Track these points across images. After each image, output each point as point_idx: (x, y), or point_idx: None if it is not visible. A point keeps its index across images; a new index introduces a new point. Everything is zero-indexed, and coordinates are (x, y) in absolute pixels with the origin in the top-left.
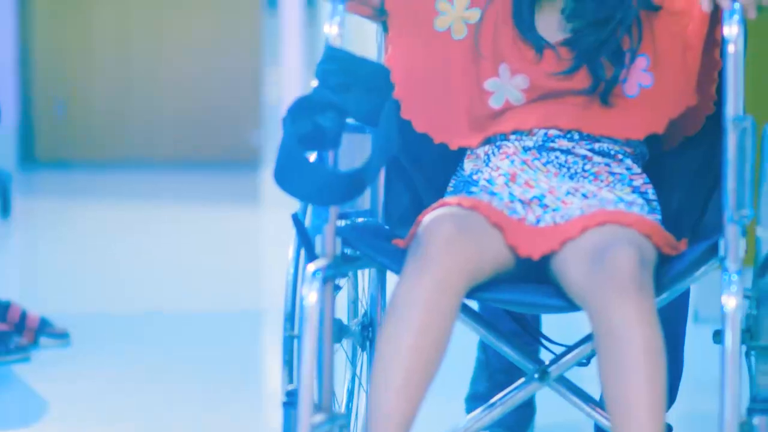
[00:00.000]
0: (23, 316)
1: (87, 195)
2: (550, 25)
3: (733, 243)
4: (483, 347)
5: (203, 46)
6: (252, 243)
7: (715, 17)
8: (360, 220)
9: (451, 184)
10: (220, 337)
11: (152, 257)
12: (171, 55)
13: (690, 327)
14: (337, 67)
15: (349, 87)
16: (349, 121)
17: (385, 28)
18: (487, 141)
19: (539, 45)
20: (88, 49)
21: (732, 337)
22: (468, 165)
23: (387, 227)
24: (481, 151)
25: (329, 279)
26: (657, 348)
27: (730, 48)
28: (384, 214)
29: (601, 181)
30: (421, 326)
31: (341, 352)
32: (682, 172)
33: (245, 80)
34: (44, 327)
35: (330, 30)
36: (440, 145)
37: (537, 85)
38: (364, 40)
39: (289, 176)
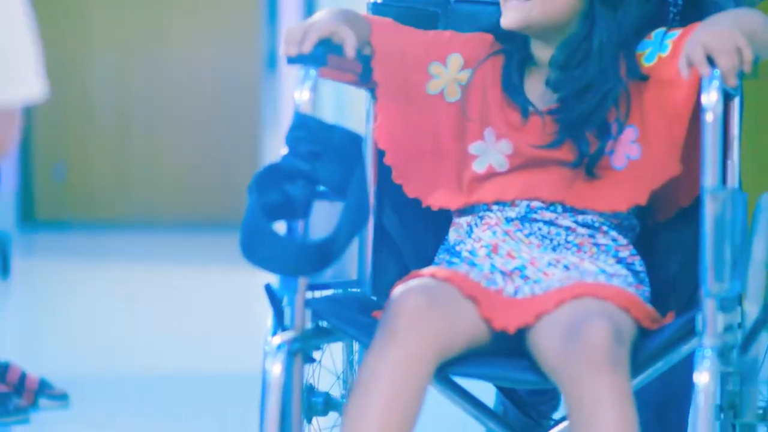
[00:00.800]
0: (22, 377)
1: (87, 256)
2: (539, 90)
3: (710, 318)
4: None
5: (203, 109)
6: (254, 304)
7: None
8: (336, 290)
9: (437, 255)
10: (220, 400)
11: (153, 319)
12: (171, 117)
13: None
14: (307, 134)
15: (319, 155)
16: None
17: (373, 95)
18: (470, 211)
19: (525, 110)
20: (87, 110)
21: (704, 415)
22: (452, 235)
23: (374, 298)
24: (463, 222)
25: (297, 352)
26: (630, 427)
27: (708, 116)
28: (371, 285)
29: (585, 252)
30: (388, 399)
31: None
32: (678, 243)
33: (245, 142)
34: (44, 388)
35: (300, 96)
36: (429, 214)
37: (521, 152)
38: None
39: (255, 248)
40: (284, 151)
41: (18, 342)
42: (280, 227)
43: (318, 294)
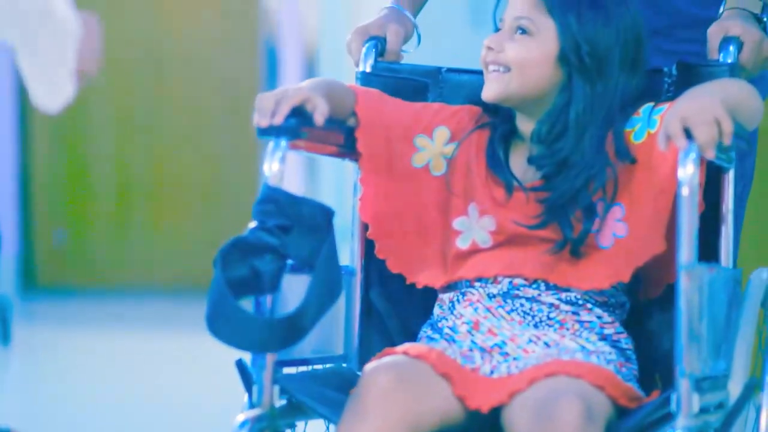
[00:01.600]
0: None
1: (88, 322)
2: (524, 165)
3: (684, 398)
4: None
5: (203, 175)
6: None
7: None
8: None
9: (421, 330)
10: None
11: (154, 387)
12: (170, 184)
13: None
14: (275, 208)
15: (289, 228)
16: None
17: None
18: (453, 287)
19: (510, 185)
20: (87, 177)
21: None
22: (436, 311)
23: (359, 373)
24: (446, 297)
25: (263, 430)
26: None
27: (684, 190)
28: (357, 360)
29: (567, 329)
30: None
31: None
32: (669, 321)
33: (245, 210)
34: None
35: (270, 168)
36: (416, 288)
37: (504, 229)
38: None
39: (219, 323)
40: (252, 224)
41: (18, 408)
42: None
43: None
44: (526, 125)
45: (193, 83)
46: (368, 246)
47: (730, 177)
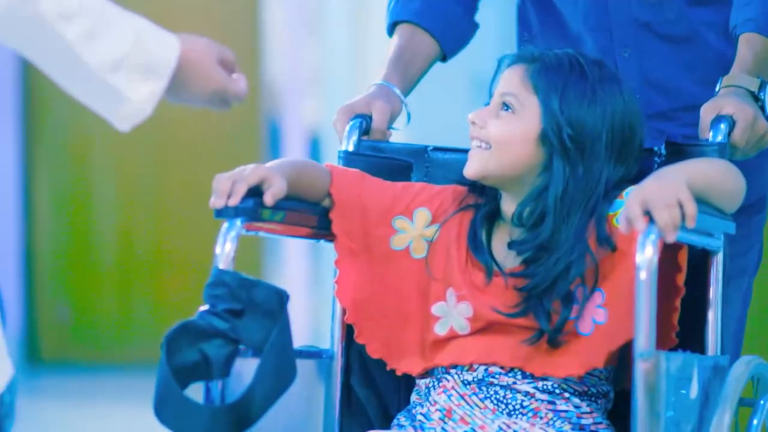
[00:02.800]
0: None
1: (93, 397)
2: (506, 248)
3: None
4: None
5: (206, 251)
6: None
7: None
8: None
9: (396, 418)
10: None
11: None
12: (173, 258)
13: None
14: (226, 292)
15: (241, 312)
16: None
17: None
18: (429, 373)
19: (489, 270)
20: (90, 252)
21: None
22: (413, 397)
23: None
24: (423, 384)
25: None
26: None
27: (641, 274)
28: None
29: (540, 418)
30: None
31: None
32: None
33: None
34: None
35: (222, 250)
36: (395, 374)
37: (481, 316)
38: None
39: (165, 410)
40: (203, 307)
41: None
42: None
43: None
44: (509, 206)
45: (196, 159)
46: (349, 329)
47: (718, 260)
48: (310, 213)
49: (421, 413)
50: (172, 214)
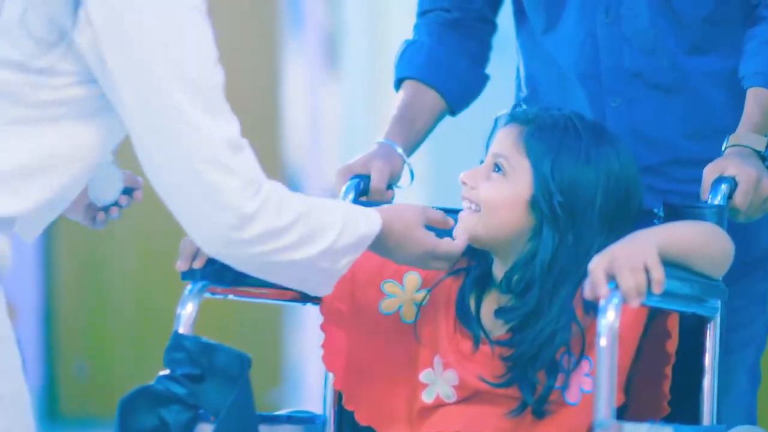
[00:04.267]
0: None
1: None
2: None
3: None
4: None
5: (222, 306)
6: None
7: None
8: None
9: None
10: None
11: None
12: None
13: None
14: (185, 356)
15: (200, 377)
16: None
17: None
18: None
19: (477, 338)
20: (108, 307)
21: None
22: None
23: None
24: None
25: None
26: None
27: (602, 341)
28: None
29: None
30: None
31: None
32: None
33: (265, 336)
34: None
35: (184, 312)
36: None
37: (467, 384)
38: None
39: None
40: (163, 372)
41: None
42: None
43: None
44: (499, 271)
45: None
46: (340, 394)
47: (713, 328)
48: None
49: None
50: None
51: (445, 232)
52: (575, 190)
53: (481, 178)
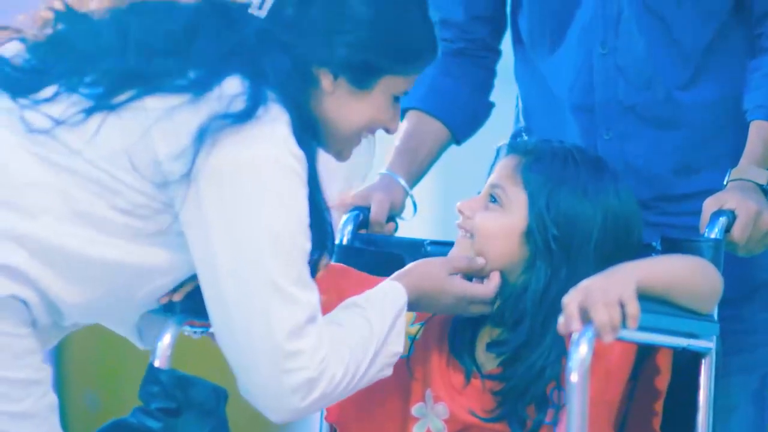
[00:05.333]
0: None
1: None
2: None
3: None
4: None
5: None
6: None
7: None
8: None
9: None
10: None
11: None
12: (197, 349)
13: None
14: (160, 390)
15: (177, 411)
16: None
17: None
18: None
19: (468, 372)
20: (118, 339)
21: None
22: None
23: None
24: None
25: None
26: None
27: (572, 377)
28: None
29: None
30: None
31: None
32: None
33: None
34: None
35: (161, 345)
36: None
37: (458, 418)
38: None
39: None
40: (139, 405)
41: None
42: None
43: None
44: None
45: None
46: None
47: (708, 363)
48: None
49: None
50: None
51: None
52: (571, 224)
53: (478, 208)
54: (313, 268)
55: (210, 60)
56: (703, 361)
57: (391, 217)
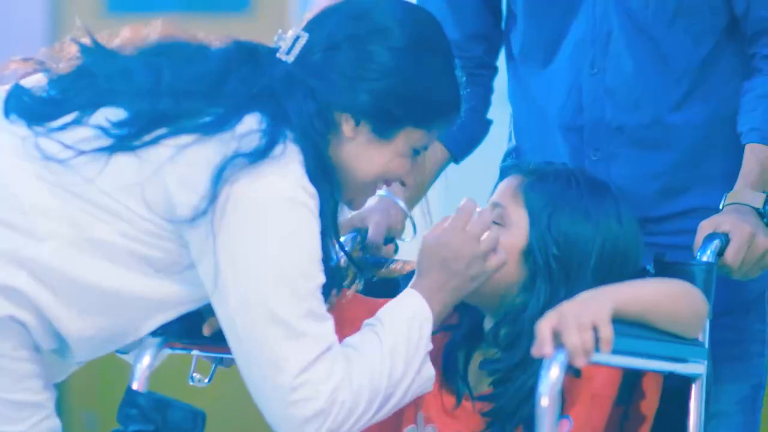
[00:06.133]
0: None
1: None
2: (478, 371)
3: None
4: None
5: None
6: None
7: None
8: None
9: None
10: None
11: None
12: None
13: None
14: (137, 413)
15: None
16: None
17: None
18: None
19: (459, 394)
20: (117, 359)
21: None
22: None
23: None
24: None
25: None
26: None
27: (543, 401)
28: None
29: None
30: None
31: None
32: None
33: None
34: None
35: (139, 365)
36: None
37: None
38: None
39: None
40: (117, 428)
41: None
42: None
43: None
44: (489, 324)
45: None
46: None
47: (698, 387)
48: None
49: None
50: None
51: None
52: (571, 245)
53: None
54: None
55: (236, 101)
56: (693, 385)
57: (391, 239)
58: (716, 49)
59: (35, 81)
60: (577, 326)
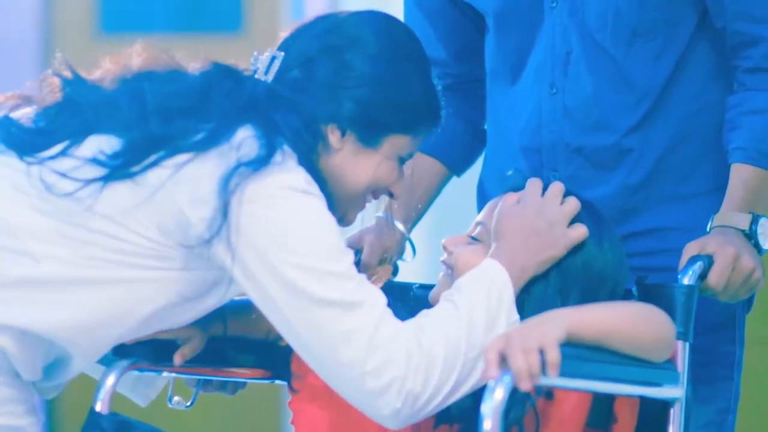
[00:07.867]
0: None
1: None
2: None
3: None
4: None
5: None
6: None
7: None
8: None
9: None
10: None
11: None
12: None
13: None
14: None
15: None
16: None
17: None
18: None
19: (439, 416)
20: None
21: None
22: None
23: None
24: None
25: None
26: None
27: (486, 424)
28: None
29: None
30: None
31: None
32: None
33: (264, 415)
34: None
35: (103, 387)
36: None
37: None
38: None
39: None
40: None
41: None
42: None
43: None
44: None
45: None
46: None
47: (676, 412)
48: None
49: None
50: None
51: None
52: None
53: (461, 244)
54: None
55: (225, 114)
56: (672, 410)
57: (390, 260)
58: (681, 64)
59: (24, 113)
60: (523, 349)
